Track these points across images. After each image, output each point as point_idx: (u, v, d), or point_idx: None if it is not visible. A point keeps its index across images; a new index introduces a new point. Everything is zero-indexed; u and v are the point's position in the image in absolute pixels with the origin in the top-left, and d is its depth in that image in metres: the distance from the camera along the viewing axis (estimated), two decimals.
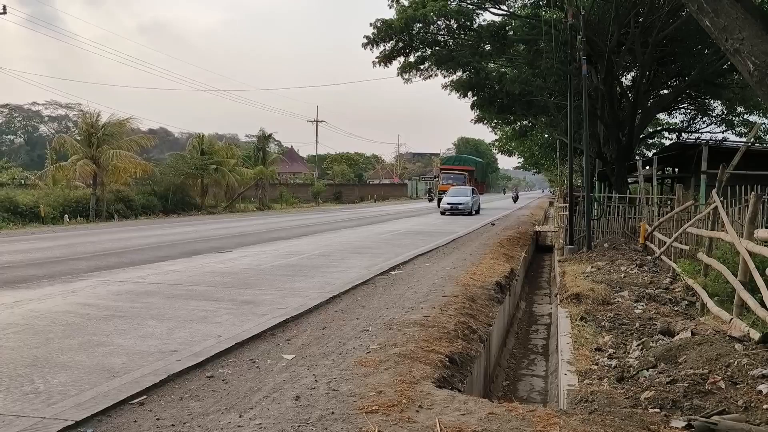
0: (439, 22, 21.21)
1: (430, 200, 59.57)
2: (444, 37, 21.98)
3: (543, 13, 20.78)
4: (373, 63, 21.72)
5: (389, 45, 21.40)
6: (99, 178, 29.47)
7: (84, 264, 12.09)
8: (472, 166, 52.36)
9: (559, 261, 16.38)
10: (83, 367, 5.55)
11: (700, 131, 30.65)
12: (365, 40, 21.32)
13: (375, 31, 21.04)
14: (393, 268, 12.60)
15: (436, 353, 6.26)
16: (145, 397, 4.81)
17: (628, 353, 6.79)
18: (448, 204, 35.78)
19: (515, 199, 66.79)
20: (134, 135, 33.34)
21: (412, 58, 22.50)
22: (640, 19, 20.04)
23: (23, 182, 34.78)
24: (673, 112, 31.05)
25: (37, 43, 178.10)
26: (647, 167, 22.81)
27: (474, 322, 8.22)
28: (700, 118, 30.34)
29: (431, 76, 23.88)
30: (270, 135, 52.13)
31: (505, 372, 9.65)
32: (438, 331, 7.19)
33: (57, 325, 7.11)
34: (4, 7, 33.34)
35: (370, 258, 14.42)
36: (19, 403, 4.59)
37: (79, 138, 31.66)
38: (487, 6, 21.47)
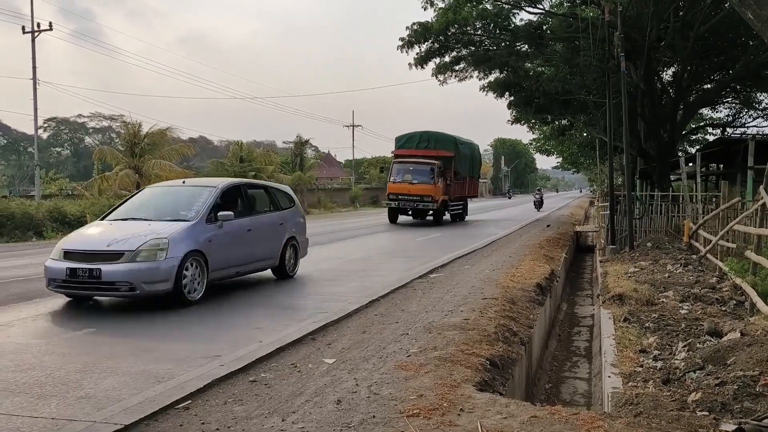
0: (476, 24, 21.13)
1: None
2: (480, 38, 21.88)
3: (580, 10, 20.49)
4: (410, 65, 21.77)
5: (425, 46, 21.41)
6: (142, 187, 30.21)
7: None
8: (449, 151, 28.68)
9: (601, 261, 16.10)
10: (130, 372, 5.69)
11: (746, 125, 29.76)
12: (400, 42, 21.38)
13: (411, 33, 21.09)
14: (431, 271, 12.57)
15: (476, 356, 6.22)
16: (190, 401, 4.91)
17: (674, 355, 6.64)
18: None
19: (538, 204, 44.31)
20: (175, 144, 34.05)
21: (447, 59, 22.45)
22: (681, 13, 19.61)
23: (70, 193, 35.84)
24: (717, 106, 30.22)
25: (82, 57, 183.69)
26: (690, 164, 22.28)
27: (515, 324, 8.14)
28: (746, 112, 29.45)
29: (466, 77, 23.81)
30: (307, 141, 52.65)
31: (547, 375, 9.53)
32: (478, 334, 7.15)
33: (105, 332, 7.30)
34: (50, 24, 34.52)
35: (408, 261, 14.42)
36: (71, 408, 4.74)
37: (122, 148, 32.50)
38: (523, 5, 21.28)
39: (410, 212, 28.13)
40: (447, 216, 29.55)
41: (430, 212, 27.83)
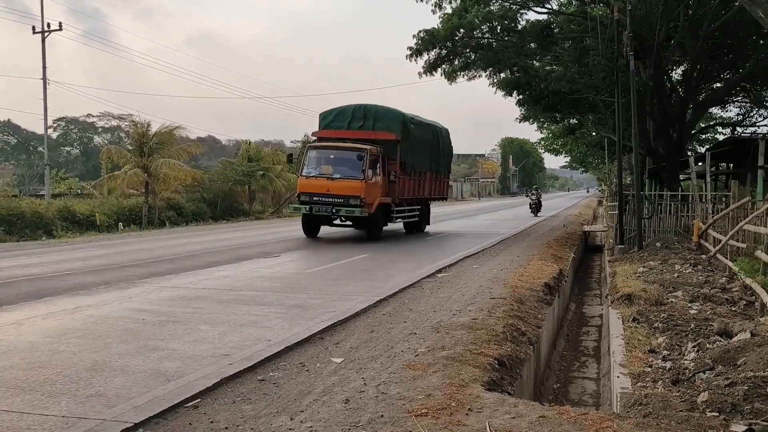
0: (483, 27, 21.05)
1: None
2: (488, 40, 21.81)
3: (589, 9, 20.38)
4: (419, 74, 21.74)
5: (433, 54, 21.39)
6: (150, 187, 30.30)
7: (138, 270, 12.44)
8: (392, 132, 19.96)
9: (610, 261, 16.04)
10: (139, 371, 5.72)
11: (756, 125, 29.54)
12: (409, 52, 21.37)
13: (419, 41, 21.07)
14: (439, 271, 12.57)
15: (484, 356, 6.22)
16: (199, 400, 4.93)
17: (684, 355, 6.60)
18: None
19: (536, 207, 35.98)
20: (183, 143, 34.13)
21: (456, 63, 22.41)
22: (690, 12, 19.48)
23: (79, 192, 36.01)
24: (727, 105, 30.01)
25: (91, 57, 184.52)
26: (700, 163, 22.17)
27: (523, 324, 8.13)
28: (757, 111, 29.22)
29: (476, 76, 23.75)
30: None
31: (556, 375, 9.51)
32: (486, 333, 7.14)
33: (114, 330, 7.35)
34: (60, 24, 34.70)
35: (416, 260, 14.41)
36: (81, 406, 4.77)
37: (130, 148, 32.61)
38: (531, 5, 21.21)
39: (341, 219, 19.12)
40: (399, 224, 22.18)
41: (362, 220, 18.78)
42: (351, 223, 19.82)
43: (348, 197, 18.18)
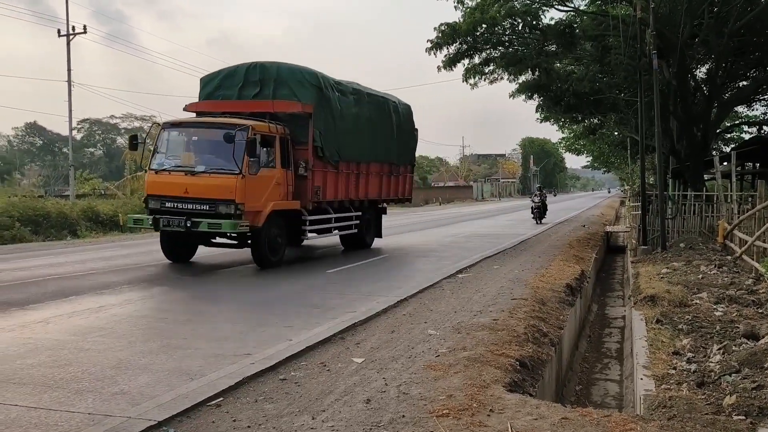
0: (504, 23, 20.93)
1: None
2: (509, 38, 21.69)
3: (611, 8, 20.17)
4: (438, 68, 21.63)
5: (453, 48, 21.28)
6: None
7: (158, 270, 12.57)
8: (300, 103, 13.43)
9: (632, 262, 15.87)
10: (163, 369, 5.79)
11: None
12: (429, 44, 21.31)
13: (439, 35, 21.00)
14: (460, 271, 12.53)
15: (506, 357, 6.19)
16: (221, 399, 4.97)
17: (709, 357, 6.51)
18: None
19: (539, 212, 29.24)
20: None
21: (477, 60, 22.28)
22: (715, 9, 19.20)
23: (103, 192, 36.50)
24: (753, 104, 29.49)
25: (115, 59, 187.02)
26: (725, 163, 21.84)
27: (544, 325, 8.08)
28: None
29: (496, 79, 23.58)
30: None
31: (578, 376, 9.44)
32: (507, 334, 7.11)
33: (138, 329, 7.44)
34: (85, 27, 35.20)
35: (436, 261, 14.39)
36: (107, 403, 4.83)
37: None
38: (552, 2, 21.05)
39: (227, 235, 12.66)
40: (328, 239, 16.47)
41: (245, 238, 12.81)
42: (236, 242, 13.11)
43: (214, 202, 11.88)
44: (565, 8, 21.58)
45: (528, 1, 21.07)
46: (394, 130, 17.44)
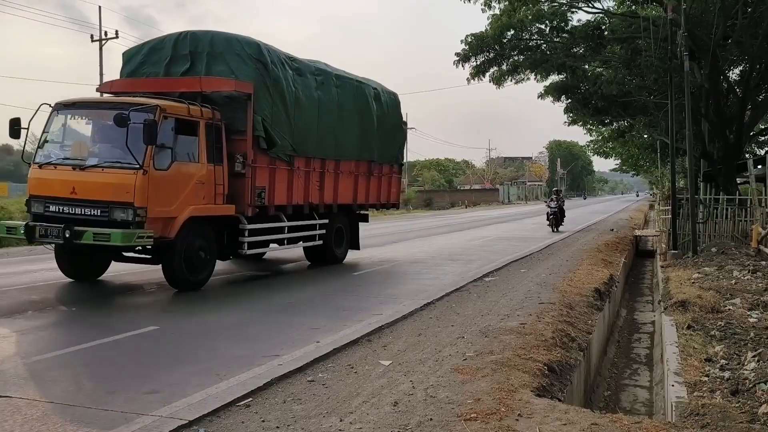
0: (531, 28, 20.84)
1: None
2: (536, 41, 21.57)
3: (641, 9, 19.94)
4: (467, 80, 21.64)
5: (481, 58, 21.27)
6: None
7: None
8: (236, 81, 10.67)
9: (662, 266, 15.64)
10: (193, 369, 5.87)
11: None
12: (456, 57, 21.31)
13: (466, 47, 20.97)
14: (486, 275, 12.47)
15: (534, 361, 6.15)
16: (250, 399, 5.02)
17: (743, 365, 6.39)
18: None
19: (555, 217, 25.76)
20: None
21: (505, 67, 22.22)
22: (749, 10, 18.86)
23: None
24: None
25: None
26: (759, 166, 21.37)
27: (572, 329, 8.00)
28: None
29: (523, 79, 23.48)
30: None
31: (606, 382, 9.32)
32: (535, 338, 7.05)
33: (165, 334, 7.55)
34: (117, 32, 35.93)
35: (462, 264, 14.34)
36: (139, 402, 4.91)
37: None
38: (580, 4, 20.88)
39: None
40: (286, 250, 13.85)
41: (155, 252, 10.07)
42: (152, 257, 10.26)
43: (107, 206, 9.18)
44: (594, 10, 21.40)
45: (555, 4, 20.93)
46: (374, 122, 14.44)
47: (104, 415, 4.65)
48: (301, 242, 13.15)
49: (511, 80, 23.09)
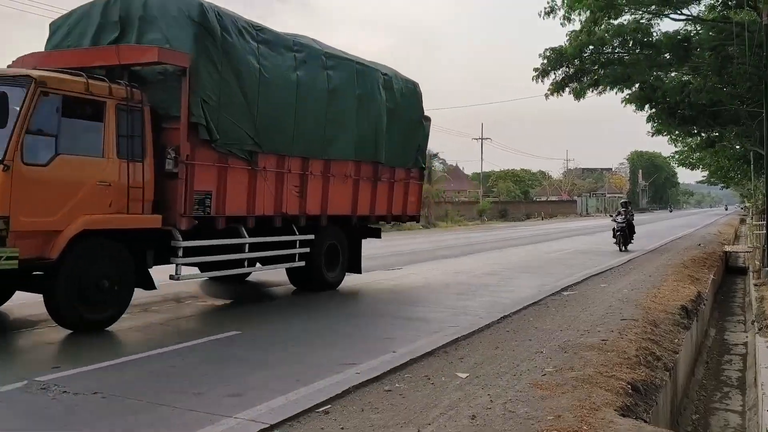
0: (614, 42, 20.25)
1: None
2: (618, 54, 20.93)
3: (734, 14, 19.00)
4: (546, 95, 21.26)
5: (560, 73, 20.86)
6: None
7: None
8: (165, 51, 8.12)
9: (756, 285, 14.80)
10: (274, 374, 6.02)
11: None
12: (535, 72, 20.97)
13: (545, 61, 20.61)
14: (564, 289, 12.16)
15: (616, 379, 5.95)
16: (329, 406, 5.09)
17: None
18: None
19: (621, 235, 21.78)
20: None
21: (585, 81, 21.69)
22: None
23: None
24: None
25: None
26: None
27: (657, 348, 7.69)
28: None
29: (604, 91, 22.83)
30: (435, 154, 53.06)
31: (694, 405, 8.90)
32: (617, 356, 6.82)
33: (245, 339, 7.78)
34: None
35: (539, 277, 14.05)
36: (222, 405, 5.08)
37: None
38: (666, 12, 20.12)
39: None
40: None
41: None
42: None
43: None
44: (681, 17, 20.59)
45: (638, 15, 20.25)
46: (382, 114, 11.78)
47: (190, 415, 4.84)
48: (274, 264, 10.40)
49: (592, 91, 22.48)
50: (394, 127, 12.10)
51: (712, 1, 20.94)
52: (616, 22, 20.04)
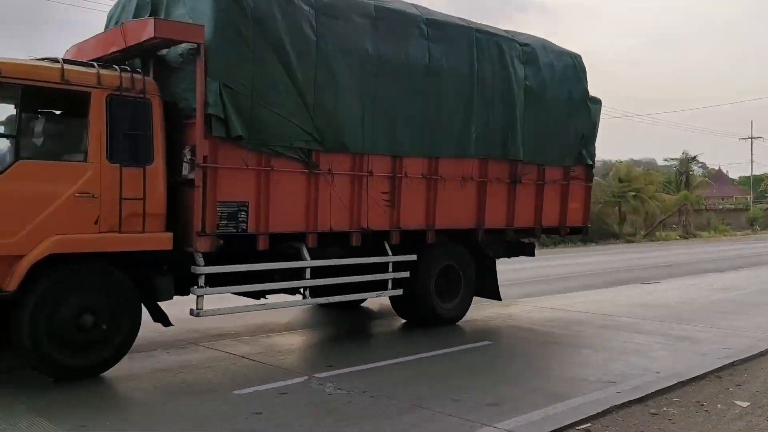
0: None
1: None
2: None
3: None
4: None
5: None
6: None
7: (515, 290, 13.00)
8: (187, 27, 6.32)
9: None
10: (526, 387, 5.98)
11: None
12: None
13: None
14: None
15: None
16: (589, 425, 4.92)
17: None
18: None
19: None
20: None
21: None
22: None
23: None
24: None
25: None
26: None
27: None
28: None
29: None
30: (694, 157, 48.19)
31: None
32: None
33: (498, 349, 7.85)
34: None
35: None
36: (477, 413, 5.19)
37: None
38: None
39: None
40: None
41: None
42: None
43: None
44: None
45: None
46: (518, 97, 9.09)
47: (450, 420, 5.03)
48: (351, 293, 7.99)
49: None
50: (541, 113, 9.40)
51: None
52: None
